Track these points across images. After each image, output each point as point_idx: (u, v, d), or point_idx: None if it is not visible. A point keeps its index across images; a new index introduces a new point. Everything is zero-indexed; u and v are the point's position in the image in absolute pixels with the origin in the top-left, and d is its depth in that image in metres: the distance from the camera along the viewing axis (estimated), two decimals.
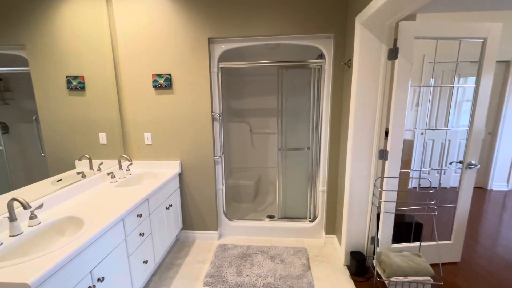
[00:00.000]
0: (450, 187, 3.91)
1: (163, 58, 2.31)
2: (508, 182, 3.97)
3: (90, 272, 1.26)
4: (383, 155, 1.97)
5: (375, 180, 2.04)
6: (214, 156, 2.48)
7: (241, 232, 2.66)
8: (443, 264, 2.20)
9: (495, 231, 2.75)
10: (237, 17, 2.19)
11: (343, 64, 2.19)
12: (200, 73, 2.31)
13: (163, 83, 2.33)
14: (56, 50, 1.73)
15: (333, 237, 2.52)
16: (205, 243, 2.58)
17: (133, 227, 1.68)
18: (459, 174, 2.08)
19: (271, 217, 2.97)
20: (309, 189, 2.65)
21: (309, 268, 2.16)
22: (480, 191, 3.91)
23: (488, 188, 4.00)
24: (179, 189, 2.52)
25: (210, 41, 2.30)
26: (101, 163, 2.16)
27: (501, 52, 3.59)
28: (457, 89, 3.69)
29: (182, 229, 2.65)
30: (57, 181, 1.73)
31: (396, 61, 1.80)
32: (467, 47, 2.03)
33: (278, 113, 2.55)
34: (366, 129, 1.97)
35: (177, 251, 2.45)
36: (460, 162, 2.06)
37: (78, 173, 1.90)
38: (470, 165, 2.01)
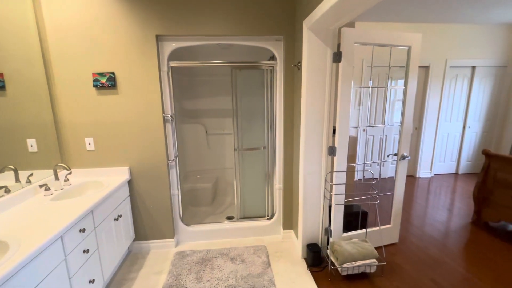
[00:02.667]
0: (388, 177, 4.42)
1: (105, 55, 2.10)
2: (431, 170, 4.65)
3: None
4: (332, 151, 2.13)
5: (326, 175, 2.18)
6: (168, 160, 2.36)
7: (200, 237, 2.59)
8: (385, 246, 2.47)
9: (423, 212, 3.19)
10: (187, 14, 2.12)
11: (293, 66, 2.30)
12: (148, 72, 2.17)
13: (106, 82, 2.12)
14: None
15: (291, 232, 2.62)
16: (161, 252, 2.43)
17: (75, 244, 1.49)
18: (395, 165, 2.36)
19: (230, 218, 2.95)
20: (266, 187, 2.71)
21: (269, 265, 2.21)
22: (411, 179, 4.51)
23: (417, 176, 4.63)
24: (129, 197, 2.32)
25: (159, 38, 2.18)
26: (31, 174, 1.87)
27: (421, 59, 4.20)
28: (390, 90, 4.19)
29: (134, 240, 2.45)
30: None
31: (340, 64, 1.95)
32: (397, 54, 2.32)
33: (233, 114, 2.55)
34: (316, 127, 2.10)
35: (130, 264, 2.26)
36: (395, 154, 2.34)
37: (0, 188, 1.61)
38: (403, 157, 2.30)
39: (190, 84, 3.50)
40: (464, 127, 4.59)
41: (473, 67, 4.34)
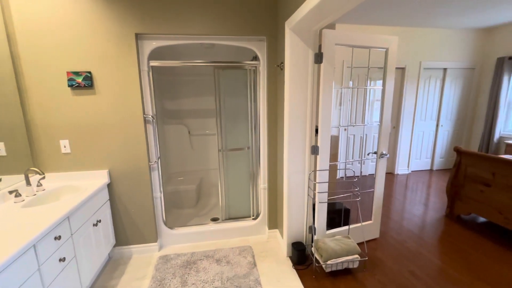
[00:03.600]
0: (369, 174, 4.57)
1: (81, 54, 2.01)
2: (408, 167, 4.87)
3: None
4: (315, 150, 2.16)
5: (309, 174, 2.22)
6: (149, 162, 2.29)
7: (184, 240, 2.54)
8: (367, 241, 2.55)
9: (402, 208, 3.33)
10: (168, 13, 2.07)
11: (276, 66, 2.31)
12: (128, 71, 2.10)
13: (82, 82, 2.03)
14: None
15: (276, 231, 2.64)
16: (144, 257, 2.36)
17: (50, 252, 1.41)
18: (374, 163, 2.44)
19: (215, 219, 2.92)
20: (251, 187, 2.71)
21: (255, 265, 2.21)
22: (390, 176, 4.69)
23: (395, 173, 4.83)
24: (109, 201, 2.24)
25: (138, 37, 2.12)
26: None
27: (398, 60, 4.38)
28: (370, 90, 4.34)
29: (115, 245, 2.36)
30: None
31: (322, 65, 1.99)
32: (375, 55, 2.41)
33: (216, 114, 2.52)
34: (299, 127, 2.13)
35: (110, 271, 2.18)
36: (375, 152, 2.43)
37: None
38: (382, 155, 2.38)
39: (172, 84, 3.43)
40: (437, 125, 4.84)
41: (445, 69, 4.59)
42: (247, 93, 2.54)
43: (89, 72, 2.03)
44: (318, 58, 2.00)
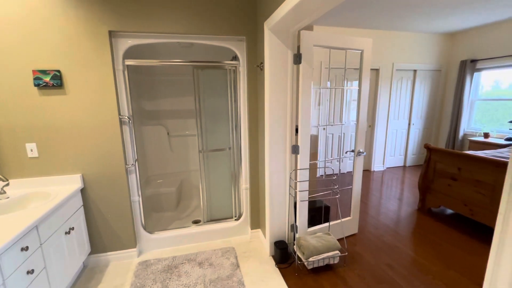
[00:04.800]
0: (347, 172, 4.72)
1: (48, 51, 1.88)
2: (384, 163, 5.10)
3: None
4: (295, 150, 2.20)
5: (290, 173, 2.25)
6: (126, 164, 2.21)
7: (164, 244, 2.47)
8: (346, 237, 2.64)
9: (378, 203, 3.48)
10: (143, 10, 2.00)
11: (256, 66, 2.32)
12: (101, 70, 2.00)
13: (51, 81, 1.90)
14: None
15: (259, 231, 2.65)
16: (122, 264, 2.27)
17: (16, 265, 1.31)
18: (352, 161, 2.53)
19: (196, 222, 2.87)
20: (233, 188, 2.70)
21: (238, 266, 2.20)
22: (367, 173, 4.88)
23: (372, 169, 5.03)
24: (82, 207, 2.12)
25: (112, 34, 2.03)
26: None
27: (372, 62, 4.57)
28: (346, 90, 4.48)
29: (91, 253, 2.24)
30: None
31: (301, 65, 2.02)
32: (351, 57, 2.49)
33: (196, 114, 2.48)
34: (280, 127, 2.15)
35: (86, 280, 2.06)
36: (352, 151, 2.51)
37: None
38: (359, 153, 2.47)
39: (150, 84, 3.32)
40: (409, 124, 5.12)
41: (415, 71, 4.86)
42: (227, 93, 2.53)
43: (58, 71, 1.91)
44: (297, 58, 2.03)
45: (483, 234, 2.64)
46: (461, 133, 4.78)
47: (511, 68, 4.15)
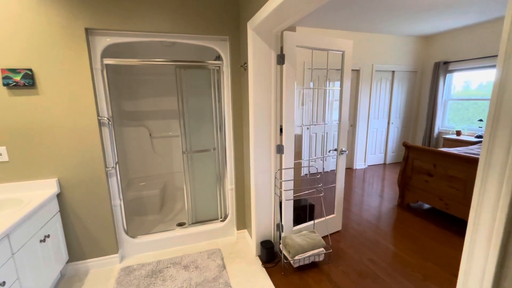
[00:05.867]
0: (331, 170, 4.83)
1: (17, 49, 1.77)
2: (365, 161, 5.26)
3: None
4: (280, 149, 2.21)
5: (275, 173, 2.26)
6: (106, 167, 2.12)
7: (148, 248, 2.40)
8: (331, 234, 2.69)
9: (360, 200, 3.59)
10: (122, 7, 1.93)
11: (240, 66, 2.31)
12: (78, 69, 1.91)
13: (21, 80, 1.79)
14: None
15: (245, 232, 2.64)
16: (103, 271, 2.18)
17: None
18: (335, 160, 2.58)
19: (181, 224, 2.82)
20: (218, 189, 2.67)
21: (224, 267, 2.18)
22: (349, 171, 5.01)
23: (354, 167, 5.17)
24: (59, 213, 2.01)
25: (89, 32, 1.94)
26: None
27: (353, 63, 4.70)
28: (329, 91, 4.58)
29: (68, 261, 2.14)
30: None
31: (284, 66, 2.04)
32: (333, 58, 2.55)
33: (179, 115, 2.43)
34: (264, 127, 2.16)
35: None
36: (335, 150, 2.57)
37: None
38: (342, 152, 2.53)
39: (131, 84, 3.22)
40: (388, 123, 5.31)
41: (393, 72, 5.06)
42: (211, 93, 2.50)
43: (30, 70, 1.81)
44: (280, 59, 2.05)
45: (457, 227, 2.79)
46: (436, 131, 5.02)
47: (480, 69, 4.42)
